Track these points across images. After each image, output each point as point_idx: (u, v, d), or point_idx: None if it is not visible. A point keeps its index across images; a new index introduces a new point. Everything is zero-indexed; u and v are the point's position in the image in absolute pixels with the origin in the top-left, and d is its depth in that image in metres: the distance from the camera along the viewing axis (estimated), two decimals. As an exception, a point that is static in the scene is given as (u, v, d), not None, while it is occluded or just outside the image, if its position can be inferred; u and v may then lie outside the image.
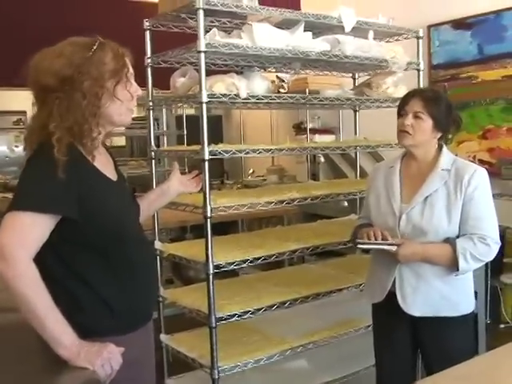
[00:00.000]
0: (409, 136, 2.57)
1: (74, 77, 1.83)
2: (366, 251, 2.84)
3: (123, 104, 1.95)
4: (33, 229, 1.77)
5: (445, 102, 2.64)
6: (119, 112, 1.96)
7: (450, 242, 2.48)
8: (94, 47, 1.89)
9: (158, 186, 2.70)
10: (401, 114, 2.62)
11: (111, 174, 2.01)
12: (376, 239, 2.49)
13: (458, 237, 2.50)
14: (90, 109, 1.85)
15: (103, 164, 1.98)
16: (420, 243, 2.51)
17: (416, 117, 2.55)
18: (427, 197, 2.54)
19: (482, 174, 2.54)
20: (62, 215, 1.81)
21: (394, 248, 2.47)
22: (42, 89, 1.86)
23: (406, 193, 2.61)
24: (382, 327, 2.77)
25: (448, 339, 2.57)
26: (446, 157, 2.62)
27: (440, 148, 2.65)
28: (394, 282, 2.58)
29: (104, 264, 1.90)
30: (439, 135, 2.61)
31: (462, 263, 2.44)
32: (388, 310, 2.65)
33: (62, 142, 1.80)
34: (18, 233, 1.76)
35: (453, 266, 2.48)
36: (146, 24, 3.18)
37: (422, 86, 3.74)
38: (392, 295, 2.59)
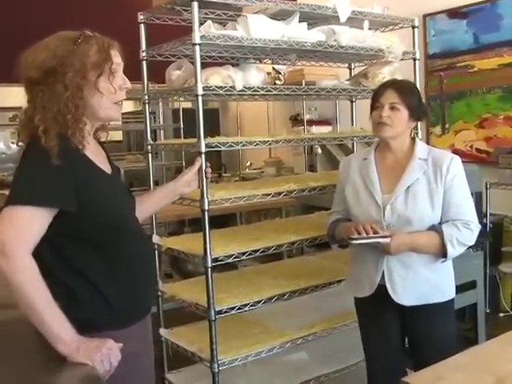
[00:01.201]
0: (388, 127, 2.58)
1: (57, 69, 1.84)
2: (344, 246, 2.82)
3: (105, 97, 1.94)
4: (31, 223, 1.77)
5: (417, 91, 2.72)
6: (103, 105, 1.95)
7: (436, 229, 2.51)
8: (79, 40, 1.89)
9: (163, 184, 2.71)
10: (376, 106, 2.63)
11: (105, 167, 2.01)
12: (367, 233, 2.48)
13: (439, 224, 2.54)
14: (72, 100, 1.85)
15: (96, 157, 1.98)
16: (407, 233, 2.52)
17: (392, 108, 2.57)
18: (409, 186, 2.56)
19: (458, 161, 2.59)
20: (59, 208, 1.81)
21: (388, 240, 2.46)
22: (29, 82, 1.87)
23: (384, 184, 2.62)
24: (371, 320, 2.77)
25: (435, 324, 2.61)
26: (421, 146, 2.66)
27: (413, 138, 2.69)
28: (382, 274, 2.59)
29: (101, 257, 1.90)
30: (414, 125, 2.66)
31: (450, 250, 2.49)
32: (375, 303, 2.66)
33: (48, 133, 1.80)
34: (16, 228, 1.75)
35: (440, 252, 2.53)
36: (141, 17, 3.16)
37: (418, 75, 3.73)
38: (379, 287, 2.61)
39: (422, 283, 2.58)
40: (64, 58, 1.84)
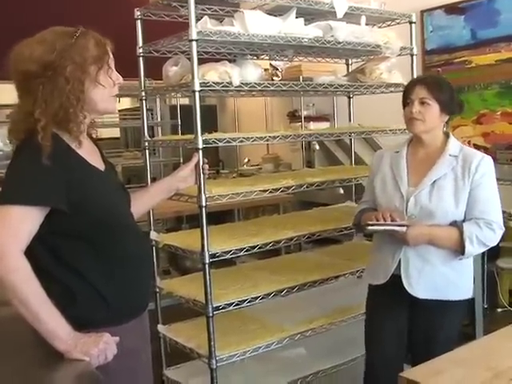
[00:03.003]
0: (420, 123, 2.60)
1: (57, 62, 1.83)
2: (369, 236, 2.85)
3: (106, 90, 1.94)
4: (23, 222, 1.76)
5: (447, 86, 2.69)
6: (102, 98, 1.96)
7: (457, 225, 2.52)
8: (77, 34, 1.89)
9: (160, 180, 2.71)
10: (407, 102, 2.65)
11: (98, 164, 2.01)
12: (385, 221, 2.50)
13: (463, 221, 2.54)
14: (74, 93, 1.85)
15: (89, 154, 1.97)
16: (427, 225, 2.54)
17: (422, 103, 2.59)
18: (435, 181, 2.58)
19: (488, 161, 2.62)
20: (51, 207, 1.80)
21: (404, 229, 2.48)
22: (25, 76, 1.86)
23: (412, 177, 2.65)
24: (380, 308, 2.78)
25: (445, 321, 2.62)
26: (454, 143, 2.67)
27: (447, 135, 2.70)
28: (399, 264, 2.61)
29: (95, 255, 1.89)
30: (446, 118, 2.67)
31: (468, 247, 2.49)
32: (388, 292, 2.68)
33: (46, 130, 1.80)
34: (8, 227, 1.75)
35: (458, 249, 2.53)
36: (137, 13, 3.15)
37: (415, 71, 3.72)
38: (394, 277, 2.62)
39: (438, 278, 2.59)
40: (63, 52, 1.84)
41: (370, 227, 2.55)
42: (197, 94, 2.79)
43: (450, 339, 2.61)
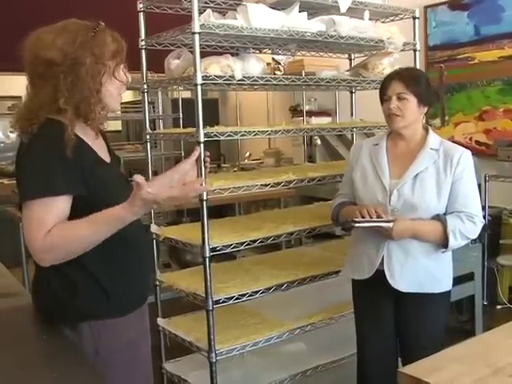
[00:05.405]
0: (399, 118, 2.60)
1: (78, 53, 1.83)
2: (348, 230, 2.84)
3: (120, 85, 1.96)
4: (47, 213, 1.77)
5: (423, 77, 2.71)
6: (115, 93, 1.96)
7: (440, 219, 2.53)
8: (97, 29, 1.90)
9: (161, 173, 2.71)
10: (384, 99, 2.65)
11: (104, 156, 2.01)
12: (371, 217, 2.49)
13: (444, 214, 2.56)
14: (94, 84, 1.86)
15: (96, 146, 1.98)
16: (410, 219, 2.54)
17: (400, 98, 2.59)
18: (417, 174, 2.58)
19: (468, 155, 2.62)
20: (73, 195, 1.82)
21: (390, 224, 2.48)
22: (45, 63, 1.83)
23: (394, 170, 2.65)
24: (366, 303, 2.80)
25: (429, 315, 2.64)
26: (434, 137, 2.68)
27: (426, 129, 2.72)
28: (382, 258, 2.61)
29: (98, 246, 1.89)
30: (425, 110, 2.66)
31: (451, 240, 2.51)
32: (372, 287, 2.69)
33: (73, 122, 1.82)
34: (32, 223, 1.77)
35: (441, 242, 2.55)
36: (140, 6, 3.15)
37: (418, 67, 3.72)
38: (377, 271, 2.63)
39: (420, 271, 2.60)
40: (84, 43, 1.84)
41: (356, 224, 2.52)
42: (199, 88, 2.79)
43: (436, 331, 2.64)
